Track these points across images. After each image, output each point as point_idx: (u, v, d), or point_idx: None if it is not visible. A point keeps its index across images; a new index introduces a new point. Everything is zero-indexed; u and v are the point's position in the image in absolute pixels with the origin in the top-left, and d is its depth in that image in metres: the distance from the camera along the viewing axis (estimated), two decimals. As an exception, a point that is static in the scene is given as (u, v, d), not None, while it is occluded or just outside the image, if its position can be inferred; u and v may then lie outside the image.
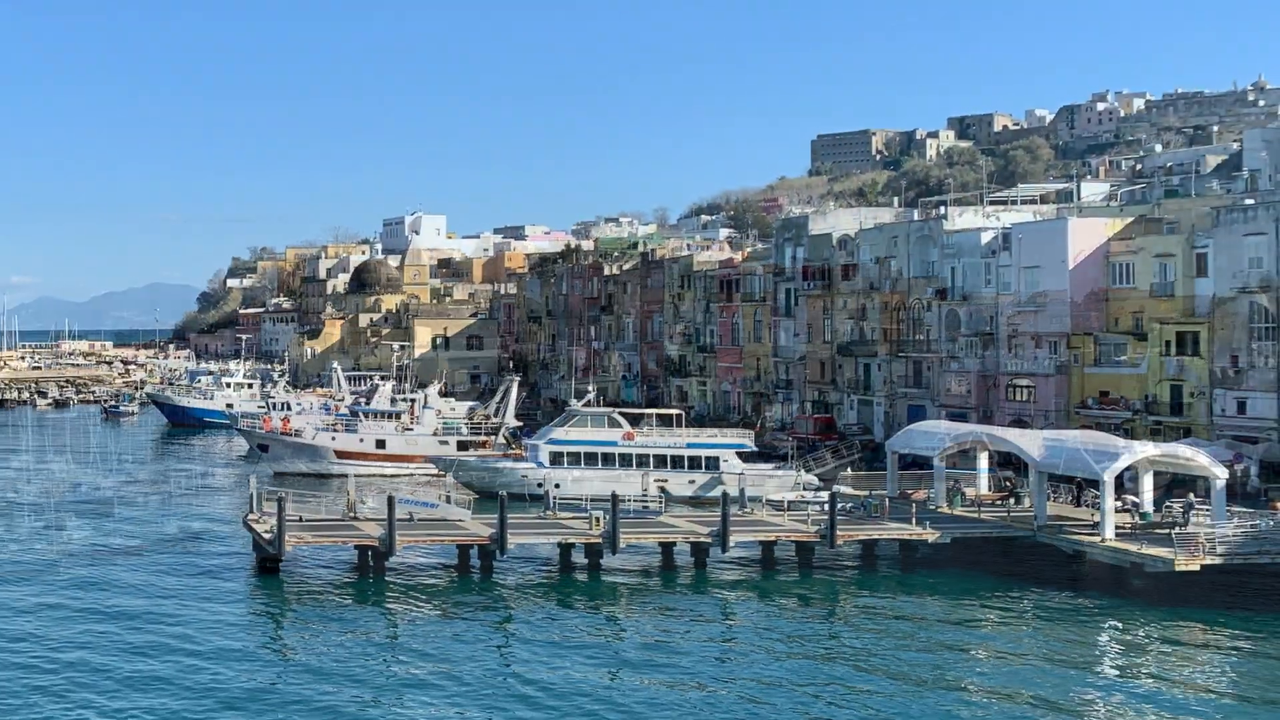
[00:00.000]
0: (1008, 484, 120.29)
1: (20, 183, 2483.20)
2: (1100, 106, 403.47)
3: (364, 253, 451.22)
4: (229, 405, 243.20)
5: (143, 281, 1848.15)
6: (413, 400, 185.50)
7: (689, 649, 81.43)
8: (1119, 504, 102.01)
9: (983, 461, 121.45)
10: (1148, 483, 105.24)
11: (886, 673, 75.79)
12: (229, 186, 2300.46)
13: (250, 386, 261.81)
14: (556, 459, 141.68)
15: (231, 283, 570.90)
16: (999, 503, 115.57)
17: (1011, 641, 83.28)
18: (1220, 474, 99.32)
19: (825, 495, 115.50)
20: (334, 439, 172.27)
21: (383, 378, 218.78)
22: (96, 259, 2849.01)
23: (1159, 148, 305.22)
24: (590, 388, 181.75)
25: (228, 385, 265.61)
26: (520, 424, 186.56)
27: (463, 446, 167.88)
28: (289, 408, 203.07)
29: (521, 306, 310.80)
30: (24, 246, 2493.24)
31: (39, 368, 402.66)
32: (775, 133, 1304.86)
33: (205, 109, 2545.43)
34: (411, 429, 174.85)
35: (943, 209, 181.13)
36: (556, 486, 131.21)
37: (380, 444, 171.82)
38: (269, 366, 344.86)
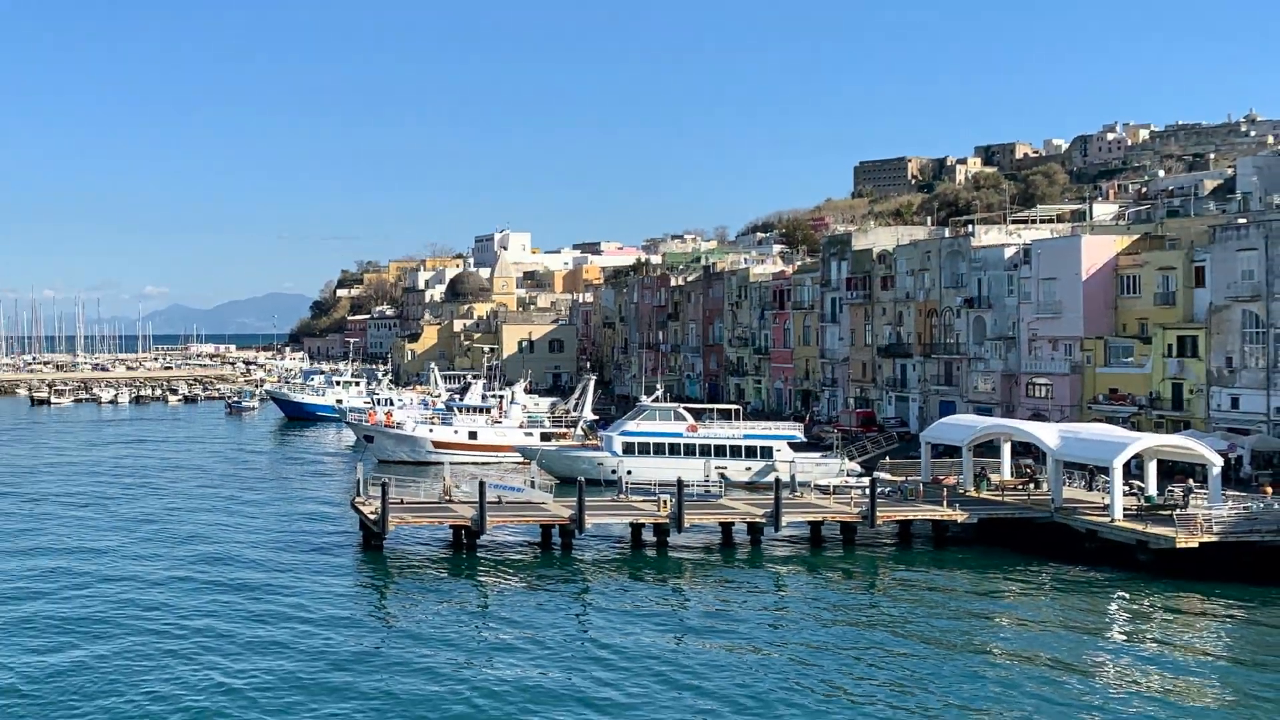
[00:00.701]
0: (1028, 471, 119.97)
1: (156, 203, 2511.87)
2: (1110, 136, 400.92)
3: (458, 266, 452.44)
4: (338, 401, 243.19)
5: (262, 291, 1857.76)
6: (501, 397, 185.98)
7: (746, 617, 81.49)
8: (1126, 488, 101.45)
9: (1006, 451, 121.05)
10: (1152, 469, 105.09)
11: (920, 638, 75.74)
12: (339, 207, 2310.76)
13: (357, 385, 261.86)
14: (628, 448, 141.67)
15: (341, 292, 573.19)
16: (1020, 487, 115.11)
17: (1031, 610, 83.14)
18: (1216, 462, 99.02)
19: (866, 481, 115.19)
20: (431, 431, 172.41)
21: (474, 377, 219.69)
22: (221, 271, 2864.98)
23: (1162, 173, 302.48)
24: (658, 386, 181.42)
25: (337, 383, 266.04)
26: (596, 418, 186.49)
27: (545, 438, 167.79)
28: (391, 403, 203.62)
29: (597, 313, 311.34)
30: (157, 260, 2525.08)
31: (170, 368, 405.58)
32: (822, 160, 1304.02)
33: (318, 138, 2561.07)
34: (500, 422, 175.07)
35: (970, 227, 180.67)
36: (629, 473, 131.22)
37: (472, 435, 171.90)
38: (374, 367, 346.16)
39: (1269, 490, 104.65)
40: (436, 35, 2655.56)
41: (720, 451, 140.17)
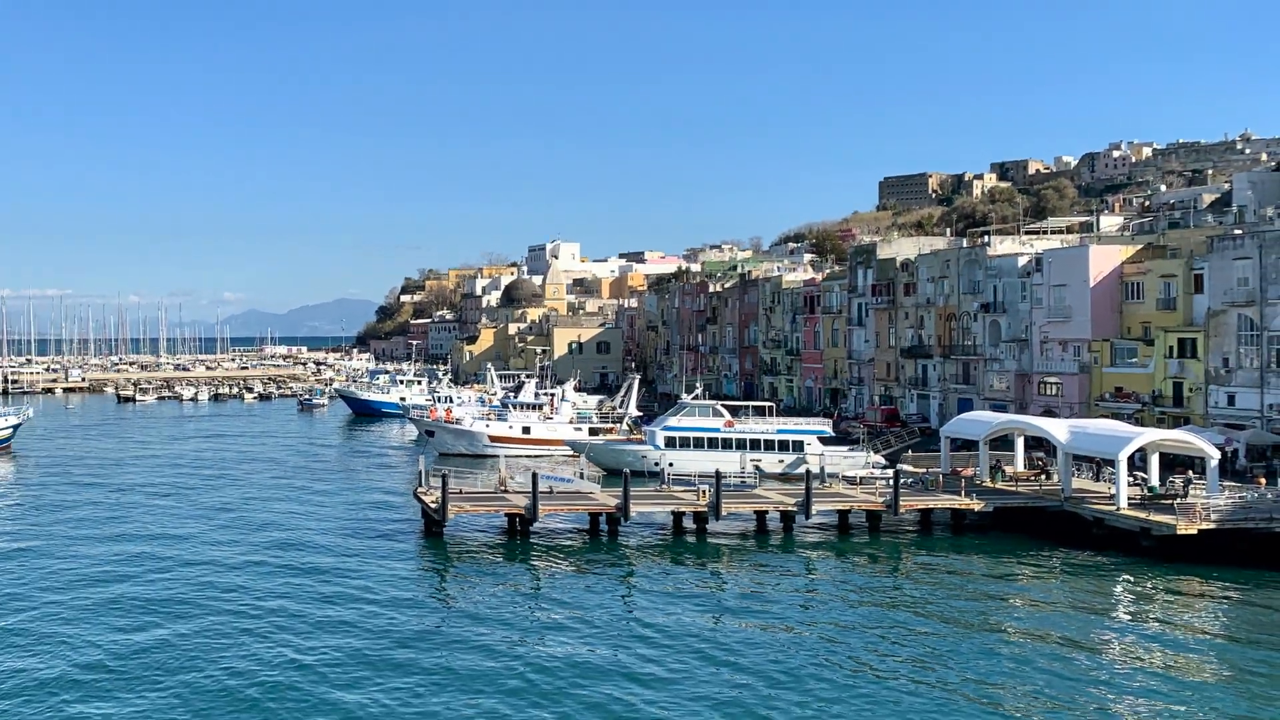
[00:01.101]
0: (1039, 463, 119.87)
1: (233, 214, 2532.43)
2: (1115, 154, 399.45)
3: (512, 273, 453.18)
4: (402, 399, 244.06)
5: (331, 297, 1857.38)
6: (552, 394, 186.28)
7: (778, 598, 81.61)
8: (1131, 479, 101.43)
9: (1019, 445, 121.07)
10: (1154, 462, 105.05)
11: (940, 618, 75.85)
12: (402, 218, 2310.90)
13: (419, 383, 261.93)
14: (670, 442, 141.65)
15: (404, 298, 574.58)
16: (1032, 478, 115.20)
17: (1042, 592, 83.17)
18: (1213, 454, 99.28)
19: (890, 472, 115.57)
20: (488, 426, 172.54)
21: (528, 376, 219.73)
22: (294, 278, 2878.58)
23: (1164, 188, 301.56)
24: (698, 384, 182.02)
25: (401, 382, 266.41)
26: (640, 414, 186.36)
27: (593, 432, 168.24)
28: (451, 401, 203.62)
29: (641, 318, 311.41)
30: (234, 268, 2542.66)
31: (246, 368, 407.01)
32: (849, 175, 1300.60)
33: (383, 155, 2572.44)
34: (551, 418, 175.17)
35: (986, 238, 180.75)
36: (670, 465, 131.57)
37: (526, 430, 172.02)
38: (435, 367, 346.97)
39: (1262, 481, 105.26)
40: (494, 61, 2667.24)
41: (755, 445, 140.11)
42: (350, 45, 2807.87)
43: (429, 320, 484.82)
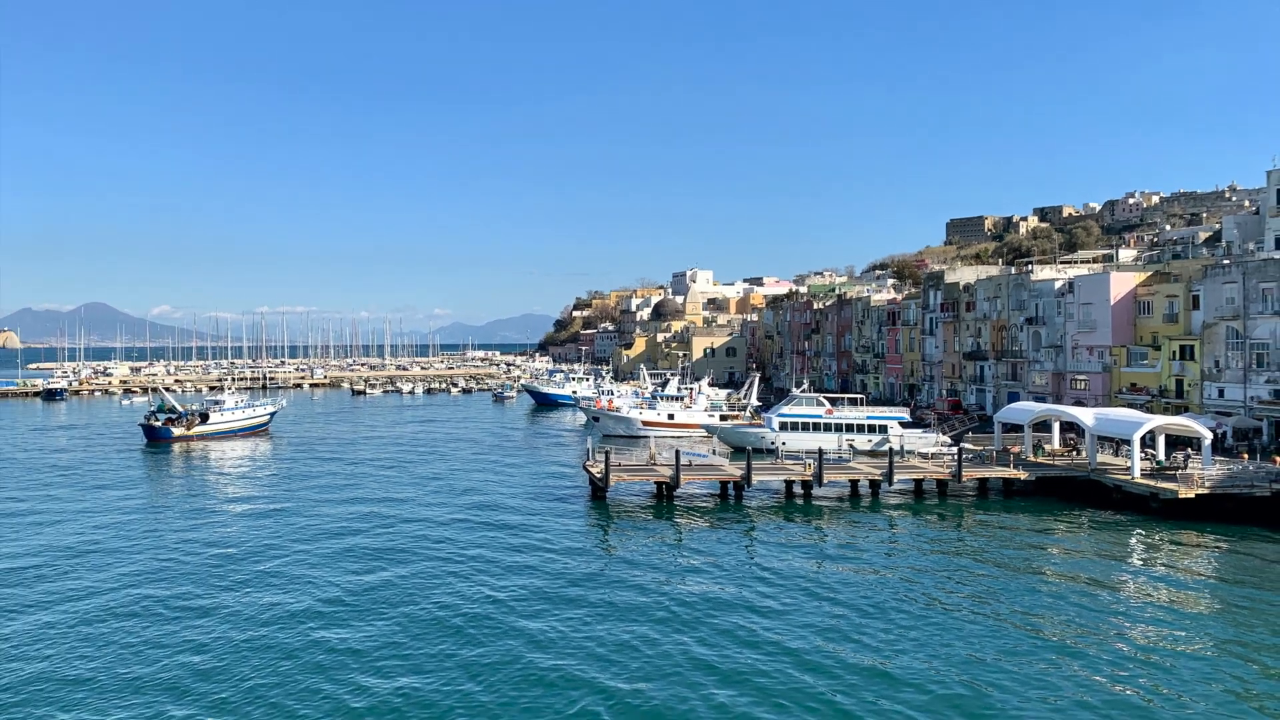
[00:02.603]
0: (1071, 442, 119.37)
1: (443, 247, 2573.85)
2: (1130, 200, 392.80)
3: (660, 294, 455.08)
4: (574, 392, 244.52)
5: (519, 312, 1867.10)
6: (691, 388, 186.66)
7: (867, 548, 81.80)
8: (1142, 455, 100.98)
9: (1055, 428, 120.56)
10: (1161, 441, 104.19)
11: (994, 563, 75.75)
12: (575, 250, 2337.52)
13: (587, 380, 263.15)
14: (783, 426, 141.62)
15: (575, 313, 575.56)
16: (1066, 454, 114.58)
17: (1074, 543, 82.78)
18: (1207, 436, 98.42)
19: (955, 449, 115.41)
20: (641, 413, 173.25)
21: (672, 374, 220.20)
22: (490, 297, 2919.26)
23: (1168, 227, 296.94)
24: (805, 381, 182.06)
25: (573, 379, 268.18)
26: (759, 404, 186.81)
27: (723, 418, 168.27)
28: (612, 393, 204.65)
29: (760, 329, 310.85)
30: (443, 289, 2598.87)
31: (452, 368, 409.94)
32: (923, 217, 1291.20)
33: (559, 201, 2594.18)
34: (690, 407, 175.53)
35: (1030, 266, 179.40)
36: (783, 444, 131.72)
37: (670, 417, 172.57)
38: (599, 367, 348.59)
39: (1245, 456, 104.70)
40: (647, 127, 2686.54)
41: (849, 428, 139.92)
42: (531, 116, 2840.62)
43: (595, 331, 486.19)
